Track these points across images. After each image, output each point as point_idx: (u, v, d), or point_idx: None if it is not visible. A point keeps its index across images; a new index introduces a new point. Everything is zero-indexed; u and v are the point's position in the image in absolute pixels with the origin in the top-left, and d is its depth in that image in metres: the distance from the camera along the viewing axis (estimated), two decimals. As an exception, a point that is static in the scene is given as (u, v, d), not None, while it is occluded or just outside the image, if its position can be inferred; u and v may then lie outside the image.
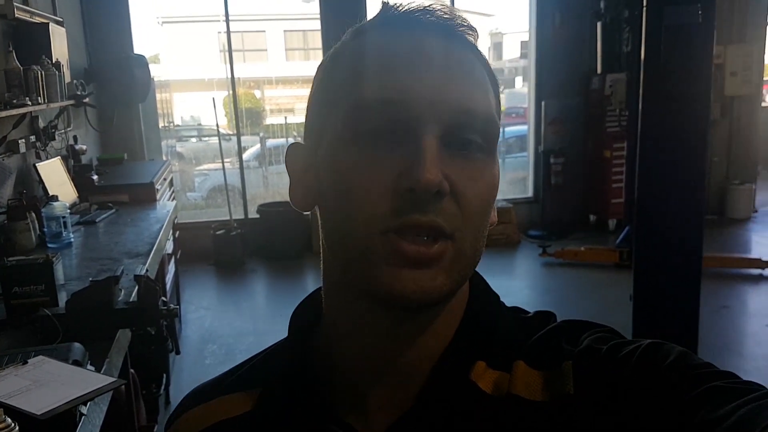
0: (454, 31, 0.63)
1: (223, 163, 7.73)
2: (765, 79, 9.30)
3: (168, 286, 4.49)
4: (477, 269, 0.67)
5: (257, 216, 7.64)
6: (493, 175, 0.63)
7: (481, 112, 0.61)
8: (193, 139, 13.31)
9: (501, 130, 0.67)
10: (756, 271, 6.48)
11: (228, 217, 7.51)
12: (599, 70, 7.75)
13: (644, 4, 3.47)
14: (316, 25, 7.62)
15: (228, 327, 5.62)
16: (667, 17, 3.35)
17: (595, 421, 0.58)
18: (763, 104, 9.83)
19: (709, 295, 3.67)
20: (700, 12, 3.32)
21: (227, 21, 7.54)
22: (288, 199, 0.71)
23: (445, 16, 0.63)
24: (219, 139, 7.95)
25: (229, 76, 7.80)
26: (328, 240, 0.65)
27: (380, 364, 0.66)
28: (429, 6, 0.63)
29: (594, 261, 6.90)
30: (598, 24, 7.60)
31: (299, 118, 12.63)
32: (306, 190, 0.68)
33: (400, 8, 0.63)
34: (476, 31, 0.65)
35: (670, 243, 3.54)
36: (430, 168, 0.56)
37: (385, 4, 0.64)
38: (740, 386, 0.54)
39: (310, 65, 15.45)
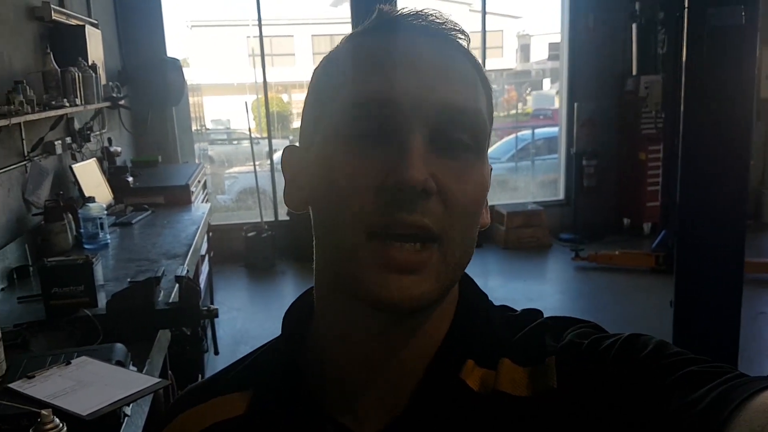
0: (444, 35, 0.64)
1: (254, 165, 7.75)
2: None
3: (202, 286, 4.50)
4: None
5: (287, 218, 7.67)
6: (483, 175, 0.64)
7: (468, 111, 0.61)
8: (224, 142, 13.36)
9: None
10: (793, 277, 6.36)
11: (258, 219, 7.53)
12: (634, 72, 7.66)
13: (686, 5, 3.42)
14: (344, 29, 7.61)
15: (259, 328, 5.62)
16: (710, 19, 3.30)
17: (578, 414, 0.60)
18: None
19: (746, 300, 3.62)
20: (743, 14, 3.26)
21: (260, 26, 7.55)
22: None
23: (436, 21, 0.64)
24: (251, 143, 7.98)
25: (261, 80, 7.82)
26: (318, 240, 0.66)
27: (372, 365, 0.66)
28: (421, 11, 0.64)
29: (629, 265, 6.78)
30: (633, 26, 7.52)
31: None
32: (299, 191, 0.69)
33: (394, 13, 0.65)
34: (467, 35, 0.66)
35: (712, 248, 3.47)
36: (415, 165, 0.57)
37: (379, 10, 0.65)
38: (713, 370, 0.56)
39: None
